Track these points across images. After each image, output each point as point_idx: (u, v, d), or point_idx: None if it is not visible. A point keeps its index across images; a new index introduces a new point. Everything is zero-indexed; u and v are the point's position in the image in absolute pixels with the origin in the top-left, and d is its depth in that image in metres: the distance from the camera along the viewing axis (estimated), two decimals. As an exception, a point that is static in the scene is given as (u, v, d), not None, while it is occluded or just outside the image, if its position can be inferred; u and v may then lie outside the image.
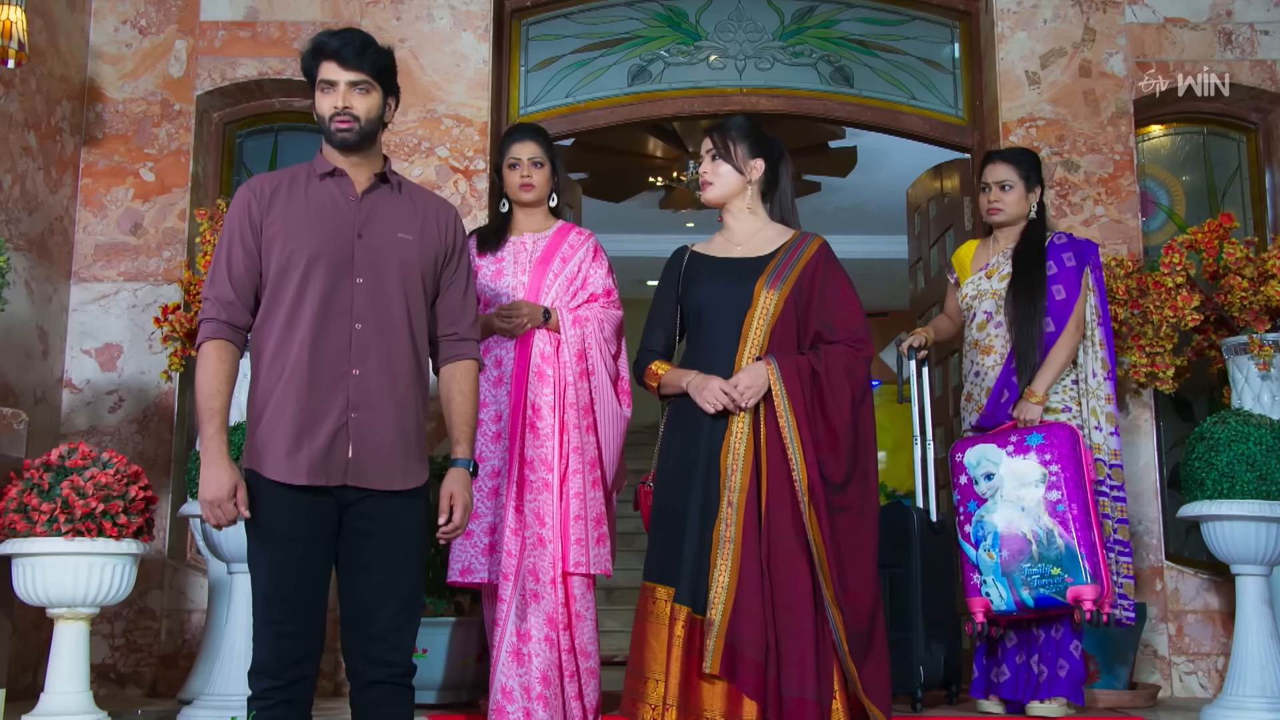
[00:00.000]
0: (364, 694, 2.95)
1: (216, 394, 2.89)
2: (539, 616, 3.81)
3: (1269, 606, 3.97)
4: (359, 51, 2.99)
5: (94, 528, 3.14)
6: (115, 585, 3.21)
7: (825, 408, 3.37)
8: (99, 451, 3.28)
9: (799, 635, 3.21)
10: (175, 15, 5.34)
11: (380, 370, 2.93)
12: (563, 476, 3.90)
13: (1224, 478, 3.90)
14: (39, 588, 3.15)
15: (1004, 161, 4.31)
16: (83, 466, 3.20)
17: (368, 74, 2.99)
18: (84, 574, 3.15)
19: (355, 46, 2.99)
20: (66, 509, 3.12)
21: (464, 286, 3.16)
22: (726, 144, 3.54)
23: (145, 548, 3.27)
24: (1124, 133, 5.26)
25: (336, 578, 2.97)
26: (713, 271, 3.53)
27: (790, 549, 3.26)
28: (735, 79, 5.55)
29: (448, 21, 5.30)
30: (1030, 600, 3.88)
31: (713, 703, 3.25)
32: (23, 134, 4.71)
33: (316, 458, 2.86)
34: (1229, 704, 3.91)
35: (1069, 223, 5.15)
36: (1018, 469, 3.96)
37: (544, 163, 4.12)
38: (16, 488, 3.16)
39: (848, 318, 3.45)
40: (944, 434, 5.43)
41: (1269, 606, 3.97)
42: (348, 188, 3.01)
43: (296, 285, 2.91)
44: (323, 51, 3.00)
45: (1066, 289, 4.20)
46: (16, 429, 3.46)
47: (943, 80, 5.59)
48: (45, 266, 4.89)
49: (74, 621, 3.23)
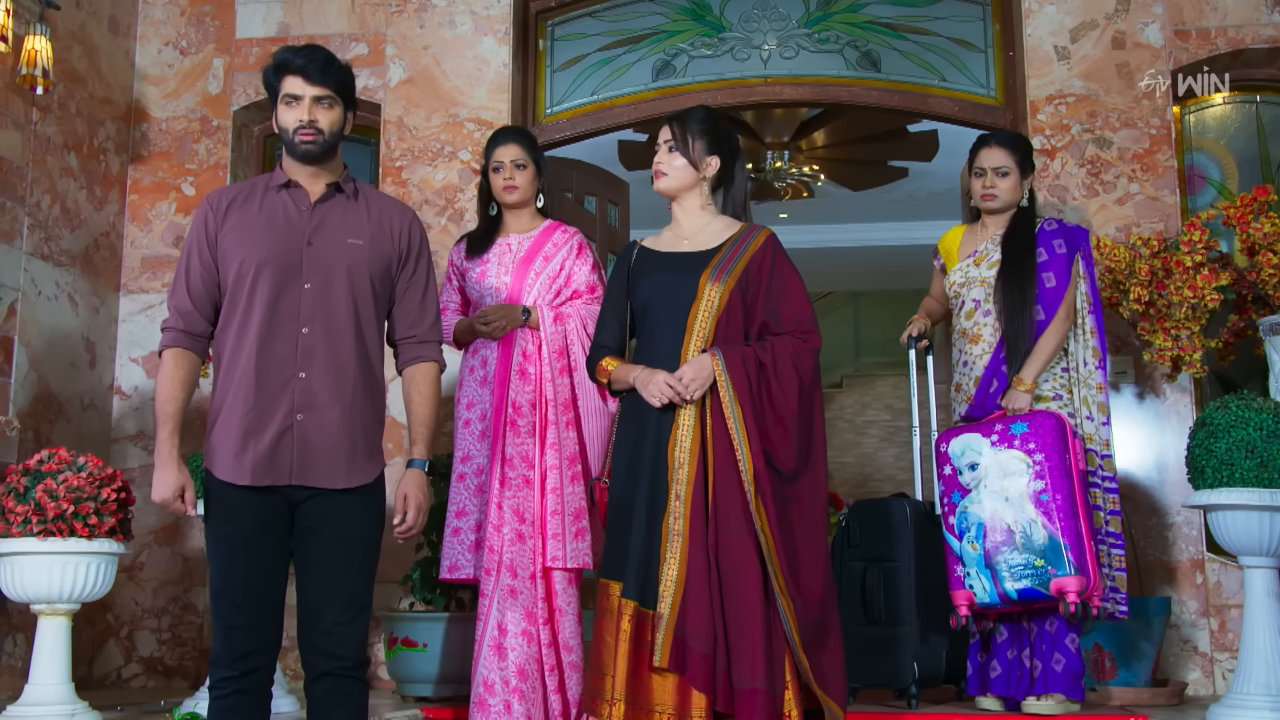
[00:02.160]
0: (315, 685, 3.06)
1: (171, 399, 3.05)
2: (517, 611, 3.86)
3: (1279, 600, 3.76)
4: (323, 68, 3.10)
5: (65, 528, 3.31)
6: (91, 582, 3.38)
7: (772, 398, 3.33)
8: (76, 456, 3.45)
9: (748, 626, 3.18)
10: (213, 35, 5.56)
11: (326, 372, 3.03)
12: (543, 473, 3.95)
13: (1223, 465, 3.71)
14: (18, 585, 3.35)
15: (1000, 147, 4.18)
16: (57, 470, 3.37)
17: (331, 89, 3.10)
18: (58, 572, 3.33)
19: (319, 63, 3.10)
20: (39, 510, 3.30)
21: (422, 290, 3.24)
22: (685, 137, 3.53)
23: (120, 547, 3.43)
24: (1160, 105, 5.02)
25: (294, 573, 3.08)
26: (659, 266, 3.52)
27: (738, 539, 3.23)
28: (760, 69, 5.50)
29: (469, 27, 5.39)
30: (1014, 593, 3.77)
31: (663, 696, 3.24)
32: (62, 156, 4.98)
33: (262, 459, 2.98)
34: (1235, 703, 3.71)
35: (1101, 201, 4.96)
36: (1002, 459, 3.84)
37: (527, 164, 4.17)
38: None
39: (795, 309, 3.41)
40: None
41: (1279, 600, 3.76)
42: (301, 198, 3.12)
43: (247, 293, 3.04)
44: (287, 67, 3.11)
45: (1057, 276, 4.06)
46: (8, 435, 3.67)
47: (974, 60, 5.43)
48: (91, 280, 5.15)
49: (54, 617, 3.42)
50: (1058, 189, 5.00)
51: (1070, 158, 5.01)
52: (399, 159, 5.32)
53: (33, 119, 4.78)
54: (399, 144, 5.33)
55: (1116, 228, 4.91)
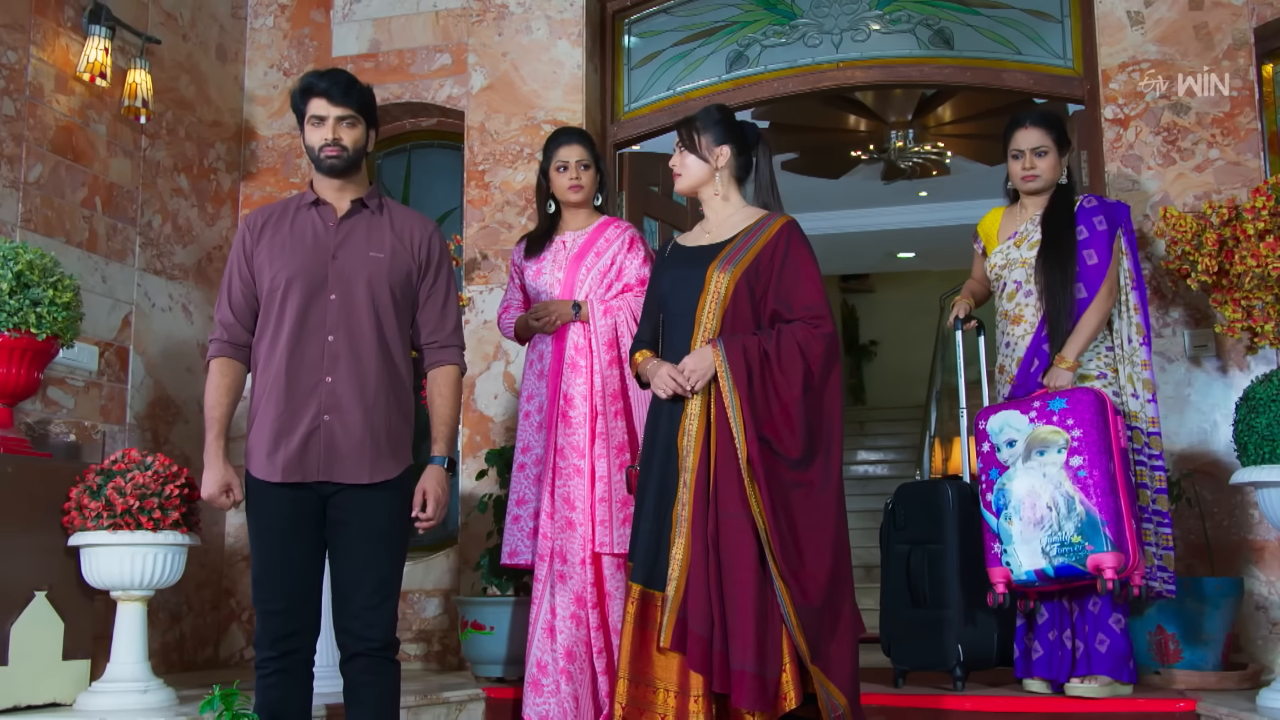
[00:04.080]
0: (349, 664, 3.31)
1: (217, 405, 3.35)
2: (566, 595, 4.03)
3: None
4: (345, 90, 3.35)
5: (132, 522, 3.65)
6: (160, 570, 3.71)
7: (776, 386, 3.39)
8: (146, 456, 3.79)
9: (741, 610, 3.26)
10: (312, 55, 5.91)
11: (350, 376, 3.27)
12: (593, 462, 4.10)
13: (1265, 441, 3.57)
14: (96, 573, 3.70)
15: (1036, 126, 4.11)
16: (126, 470, 3.71)
17: (353, 109, 3.36)
18: (129, 561, 3.66)
19: (342, 85, 3.36)
20: (109, 506, 3.64)
21: (443, 298, 3.46)
22: (691, 135, 3.62)
23: (185, 538, 3.74)
24: (1242, 66, 4.81)
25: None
26: (678, 260, 3.62)
27: (736, 525, 3.31)
28: (831, 54, 5.50)
29: (544, 31, 5.57)
30: (1050, 570, 3.72)
31: (666, 674, 3.37)
32: (172, 177, 5.39)
33: (292, 458, 3.24)
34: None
35: (1178, 170, 4.79)
36: (1040, 435, 3.79)
37: (590, 165, 4.33)
38: (77, 489, 3.72)
39: (806, 295, 3.46)
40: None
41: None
42: (328, 214, 3.38)
43: (279, 305, 3.31)
44: (312, 90, 3.38)
45: (1098, 253, 3.97)
46: (94, 439, 4.04)
47: (1051, 31, 5.30)
48: (205, 290, 5.56)
49: (129, 602, 3.76)
50: (1132, 159, 4.85)
51: (1145, 126, 4.86)
52: (481, 163, 5.55)
53: (141, 146, 5.19)
54: (481, 148, 5.56)
55: (1195, 196, 4.74)
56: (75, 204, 4.79)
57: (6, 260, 3.70)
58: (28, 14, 4.61)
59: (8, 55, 4.50)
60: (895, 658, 4.18)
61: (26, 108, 4.57)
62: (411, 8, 5.80)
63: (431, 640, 5.34)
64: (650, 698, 3.38)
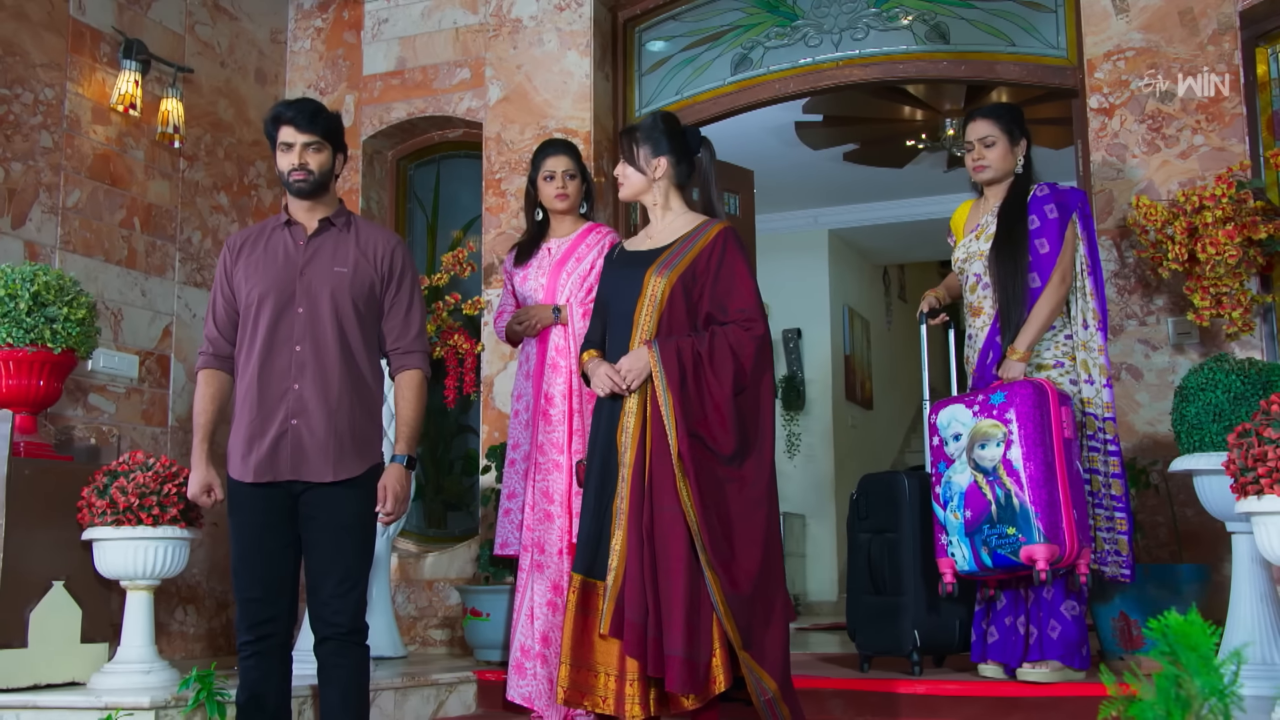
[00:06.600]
0: (321, 647, 3.61)
1: (202, 412, 3.69)
2: (544, 584, 4.28)
3: (1265, 568, 3.61)
4: (310, 118, 3.65)
5: (133, 518, 4.01)
6: (162, 562, 4.06)
7: (709, 386, 3.56)
8: (149, 458, 4.15)
9: (672, 598, 3.45)
10: (345, 74, 6.25)
11: (315, 383, 3.57)
12: (570, 457, 4.33)
13: (1194, 429, 3.62)
14: (105, 564, 4.08)
15: (985, 119, 4.19)
16: (129, 470, 4.08)
17: (319, 135, 3.64)
18: (132, 554, 4.02)
19: (307, 114, 3.65)
20: (113, 504, 4.01)
21: (405, 307, 3.73)
22: (631, 147, 3.81)
23: (184, 533, 4.09)
24: (1227, 51, 4.78)
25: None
26: (621, 264, 3.82)
27: (670, 518, 3.49)
28: (831, 53, 5.62)
29: (555, 43, 5.80)
30: (989, 561, 3.82)
31: (606, 658, 3.57)
32: (212, 195, 5.79)
33: (263, 459, 3.55)
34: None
35: (1163, 157, 4.79)
36: (982, 429, 3.89)
37: (576, 175, 4.56)
38: (88, 488, 4.10)
39: (740, 299, 3.62)
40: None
41: (1265, 568, 3.61)
42: (299, 233, 3.68)
43: (253, 319, 3.63)
44: (281, 119, 3.68)
45: (1050, 242, 4.03)
46: (111, 442, 4.43)
47: (1045, 21, 5.33)
48: (247, 300, 5.95)
49: (137, 591, 4.12)
50: (1116, 148, 4.87)
51: (1129, 114, 4.87)
52: (498, 171, 5.82)
53: (179, 168, 5.60)
54: (498, 157, 5.82)
55: (1179, 183, 4.73)
56: (114, 225, 5.21)
57: (24, 282, 4.09)
58: (63, 53, 5.03)
59: (45, 92, 4.93)
60: (859, 643, 4.32)
61: (64, 139, 4.99)
62: (434, 25, 6.10)
63: (455, 626, 5.64)
64: (592, 681, 3.59)
